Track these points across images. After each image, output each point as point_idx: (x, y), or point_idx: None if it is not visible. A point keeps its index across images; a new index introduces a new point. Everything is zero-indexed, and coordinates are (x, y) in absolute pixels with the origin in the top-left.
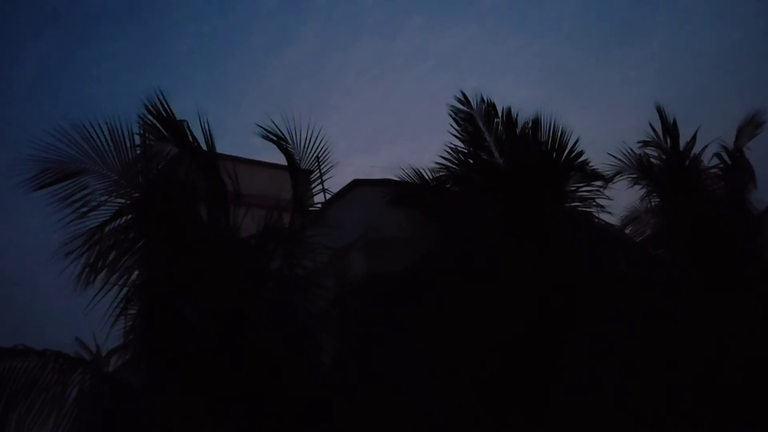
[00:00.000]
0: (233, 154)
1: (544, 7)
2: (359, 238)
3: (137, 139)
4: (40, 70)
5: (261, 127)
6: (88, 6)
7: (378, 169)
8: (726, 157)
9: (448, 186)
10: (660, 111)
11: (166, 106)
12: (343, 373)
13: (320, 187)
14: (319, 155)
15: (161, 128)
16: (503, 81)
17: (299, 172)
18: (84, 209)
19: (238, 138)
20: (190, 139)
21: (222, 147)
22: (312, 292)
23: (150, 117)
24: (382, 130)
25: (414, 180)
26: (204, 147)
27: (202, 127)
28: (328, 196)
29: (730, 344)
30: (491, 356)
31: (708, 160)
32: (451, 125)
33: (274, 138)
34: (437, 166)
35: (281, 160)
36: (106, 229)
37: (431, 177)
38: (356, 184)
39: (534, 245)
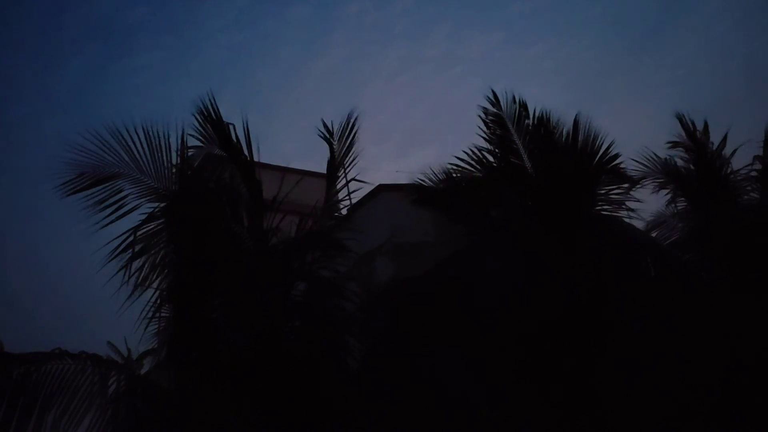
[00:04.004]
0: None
1: (571, 13)
2: (385, 243)
3: (174, 143)
4: (80, 82)
5: (323, 124)
6: (126, 20)
7: (404, 174)
8: None
9: (474, 189)
10: (681, 117)
11: (215, 108)
12: (370, 376)
13: (347, 191)
14: (348, 160)
15: (210, 130)
16: (530, 86)
17: (336, 176)
18: (118, 213)
19: (269, 145)
20: (235, 142)
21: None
22: (341, 296)
23: (200, 118)
24: (411, 137)
25: (439, 183)
26: (246, 152)
27: (245, 132)
28: (354, 201)
29: (761, 348)
30: (521, 360)
31: (740, 163)
32: (480, 127)
33: (329, 137)
34: (456, 167)
35: (308, 167)
36: (139, 232)
37: (455, 177)
38: (381, 189)
39: (564, 248)
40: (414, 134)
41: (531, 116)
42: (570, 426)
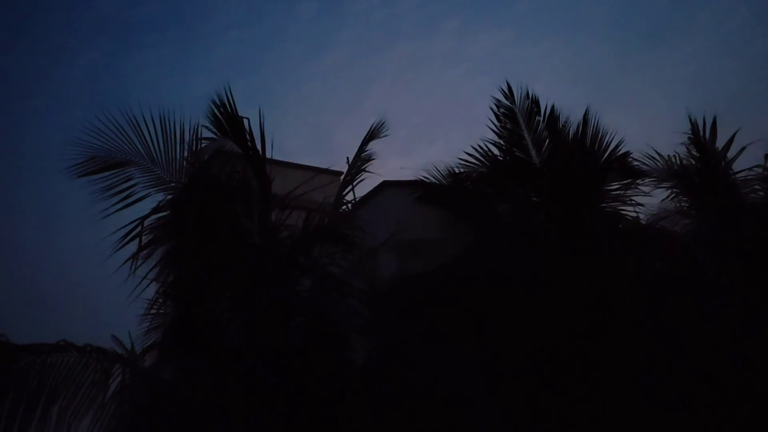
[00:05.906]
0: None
1: (579, 10)
2: (389, 239)
3: (187, 135)
4: (89, 76)
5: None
6: (133, 15)
7: (409, 170)
8: None
9: (479, 186)
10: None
11: (230, 101)
12: (374, 373)
13: (353, 193)
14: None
15: (225, 123)
16: (537, 83)
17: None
18: (126, 201)
19: (275, 141)
20: (248, 137)
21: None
22: (346, 292)
23: (215, 111)
24: (416, 133)
25: (444, 180)
26: (259, 147)
27: (260, 127)
28: (358, 197)
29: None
30: (529, 358)
31: (750, 160)
32: (491, 120)
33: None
34: (464, 162)
35: (313, 162)
36: (146, 223)
37: (460, 174)
38: (386, 186)
39: (571, 245)
40: (419, 131)
41: (542, 112)
42: (577, 424)
